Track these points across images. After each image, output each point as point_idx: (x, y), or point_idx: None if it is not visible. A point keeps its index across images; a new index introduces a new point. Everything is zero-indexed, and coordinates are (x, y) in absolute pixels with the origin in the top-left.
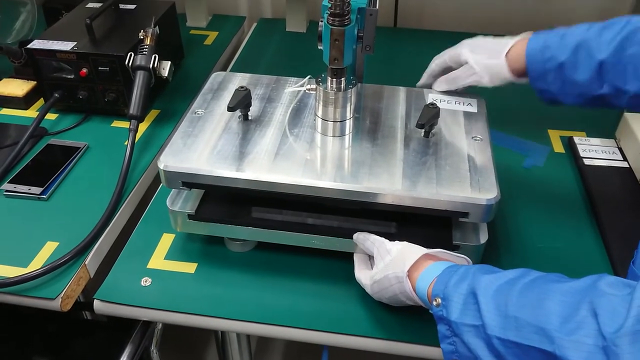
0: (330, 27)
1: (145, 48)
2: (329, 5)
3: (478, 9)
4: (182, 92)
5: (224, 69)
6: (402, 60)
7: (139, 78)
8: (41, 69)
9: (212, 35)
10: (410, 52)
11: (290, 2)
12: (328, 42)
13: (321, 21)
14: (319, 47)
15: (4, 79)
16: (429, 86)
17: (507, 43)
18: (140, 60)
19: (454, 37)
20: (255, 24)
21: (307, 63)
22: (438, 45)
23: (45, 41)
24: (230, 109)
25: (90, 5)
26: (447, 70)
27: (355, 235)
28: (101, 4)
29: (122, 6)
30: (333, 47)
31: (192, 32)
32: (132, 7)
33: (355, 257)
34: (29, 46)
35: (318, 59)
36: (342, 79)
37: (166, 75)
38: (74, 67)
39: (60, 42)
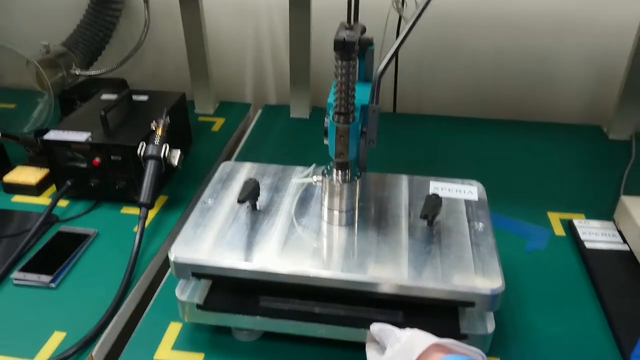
0: (335, 124)
1: (157, 138)
2: (334, 105)
3: (473, 94)
4: (190, 178)
5: (231, 154)
6: (403, 145)
7: (150, 167)
8: (56, 159)
9: (219, 122)
10: (410, 136)
11: (293, 89)
12: (334, 137)
13: (327, 117)
14: (325, 142)
15: (18, 167)
16: None
17: None
18: (151, 150)
19: (451, 122)
20: (260, 110)
21: (311, 148)
22: (436, 129)
23: (61, 132)
24: (240, 201)
25: (104, 97)
26: None
27: (371, 326)
28: (115, 95)
29: (135, 97)
30: (338, 143)
31: (200, 118)
32: (145, 98)
33: (367, 346)
34: (45, 137)
35: (321, 144)
36: (347, 171)
37: (176, 163)
38: (87, 156)
39: (75, 132)
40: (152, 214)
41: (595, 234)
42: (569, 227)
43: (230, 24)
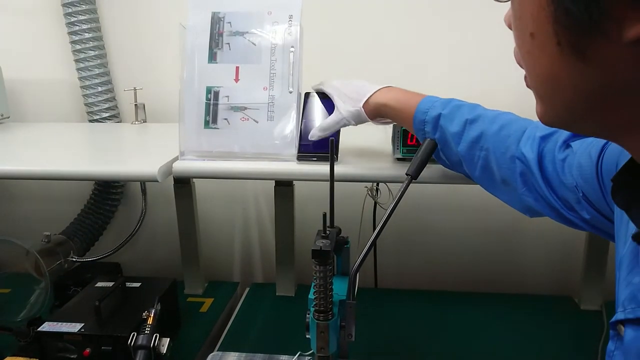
0: (316, 321)
1: (148, 328)
2: (314, 303)
3: (448, 268)
4: None
5: (219, 335)
6: (383, 321)
7: (140, 358)
8: (47, 350)
9: (208, 302)
10: (390, 311)
11: (279, 269)
12: (315, 333)
13: (308, 313)
14: (307, 336)
15: (7, 358)
16: None
17: (365, 92)
18: (142, 340)
19: (429, 296)
20: (247, 289)
21: (296, 325)
22: (415, 304)
23: (55, 323)
24: None
25: (99, 284)
26: None
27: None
28: (110, 282)
29: (128, 284)
30: (319, 338)
31: (190, 299)
32: (137, 284)
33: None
34: (39, 329)
35: (305, 322)
36: None
37: (164, 352)
38: (78, 347)
39: (68, 323)
40: None
41: None
42: None
43: (220, 209)
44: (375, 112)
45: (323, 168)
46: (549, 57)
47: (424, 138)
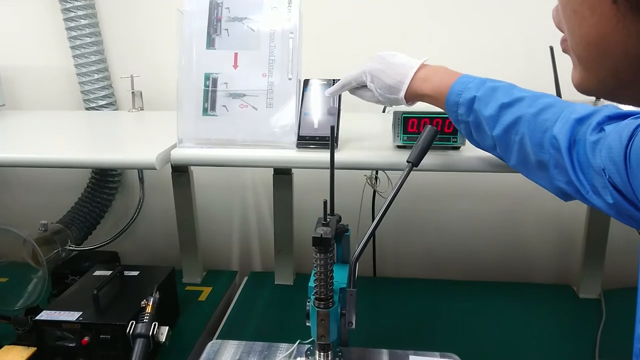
0: (316, 309)
1: (146, 316)
2: (314, 291)
3: (448, 257)
4: (175, 352)
5: (218, 324)
6: (383, 309)
7: (138, 346)
8: (45, 339)
9: (207, 291)
10: (389, 301)
11: (278, 257)
12: (315, 321)
13: (308, 301)
14: (307, 324)
15: (5, 347)
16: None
17: (404, 78)
18: (140, 328)
19: (428, 285)
20: (246, 278)
21: (294, 314)
22: (414, 293)
23: (53, 312)
24: None
25: (97, 273)
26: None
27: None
28: (108, 271)
29: (126, 272)
30: (319, 326)
31: (188, 288)
32: (136, 273)
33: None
34: (37, 318)
35: (305, 312)
36: (329, 352)
37: (163, 340)
38: (77, 335)
39: (66, 312)
40: None
41: None
42: None
43: (218, 197)
44: (414, 101)
45: (323, 155)
46: (601, 16)
47: (457, 120)
